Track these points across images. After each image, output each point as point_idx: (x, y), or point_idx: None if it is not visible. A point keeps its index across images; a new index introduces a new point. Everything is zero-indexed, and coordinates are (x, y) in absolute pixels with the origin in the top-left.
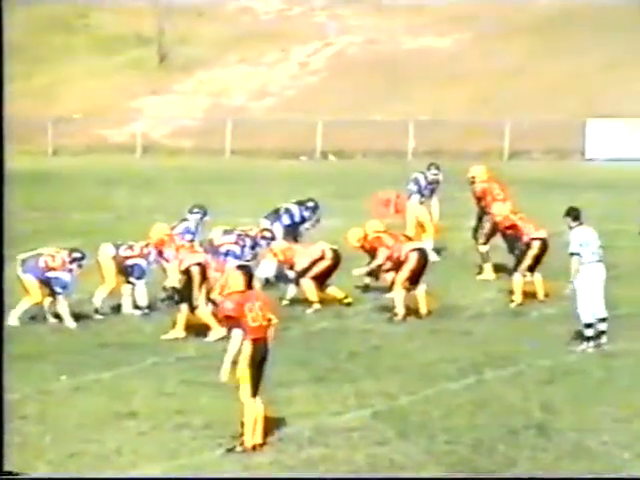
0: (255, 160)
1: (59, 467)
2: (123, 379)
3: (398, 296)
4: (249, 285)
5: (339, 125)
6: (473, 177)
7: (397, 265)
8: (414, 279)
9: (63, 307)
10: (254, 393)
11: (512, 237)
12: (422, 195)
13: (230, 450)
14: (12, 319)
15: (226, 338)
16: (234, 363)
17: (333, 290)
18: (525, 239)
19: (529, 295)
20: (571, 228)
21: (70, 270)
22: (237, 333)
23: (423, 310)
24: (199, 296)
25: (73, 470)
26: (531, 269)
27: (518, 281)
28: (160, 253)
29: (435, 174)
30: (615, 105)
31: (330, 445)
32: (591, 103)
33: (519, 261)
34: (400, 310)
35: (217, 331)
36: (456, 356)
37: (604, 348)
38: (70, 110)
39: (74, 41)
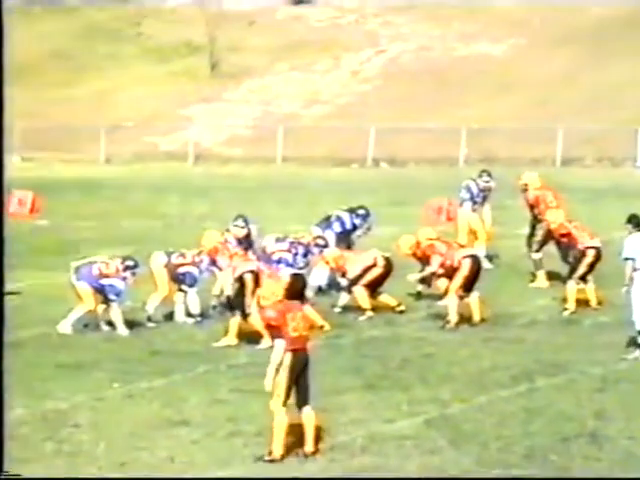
0: (307, 168)
1: (111, 475)
2: (175, 387)
3: (451, 303)
4: (302, 293)
5: (391, 132)
6: (526, 184)
7: (450, 272)
8: (467, 286)
9: (116, 315)
10: (286, 402)
11: (567, 245)
12: (474, 202)
13: (258, 459)
14: (65, 327)
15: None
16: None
17: (385, 298)
18: (580, 247)
19: (582, 303)
20: (630, 234)
21: (124, 278)
22: (280, 343)
23: (476, 317)
24: (251, 303)
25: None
26: (584, 277)
27: (572, 289)
28: (213, 261)
29: (487, 181)
30: None
31: (382, 453)
32: None
33: (573, 269)
34: (453, 318)
35: (269, 339)
36: (508, 364)
37: None
38: (122, 118)
39: (126, 49)
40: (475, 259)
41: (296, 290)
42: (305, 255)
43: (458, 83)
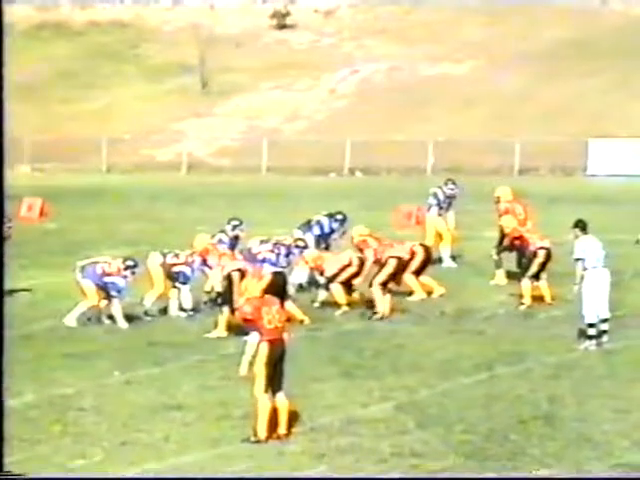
0: (289, 177)
1: (113, 454)
2: (170, 374)
3: (378, 296)
4: (283, 289)
5: (365, 145)
6: (498, 197)
7: (380, 266)
8: (387, 282)
9: (117, 309)
10: (267, 389)
11: (519, 247)
12: (440, 208)
13: (245, 440)
14: (71, 320)
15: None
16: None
17: (359, 294)
18: (532, 248)
19: (537, 299)
20: (577, 237)
21: (125, 276)
22: (254, 336)
23: (386, 312)
24: (239, 299)
25: (125, 457)
26: (537, 275)
27: (526, 286)
28: (204, 261)
29: (452, 189)
30: (614, 126)
31: (357, 434)
32: (592, 124)
33: (526, 268)
34: (381, 309)
35: (220, 332)
36: (471, 354)
37: (605, 346)
38: (121, 131)
39: (126, 69)
40: (400, 260)
41: (277, 287)
42: (287, 255)
43: (425, 100)
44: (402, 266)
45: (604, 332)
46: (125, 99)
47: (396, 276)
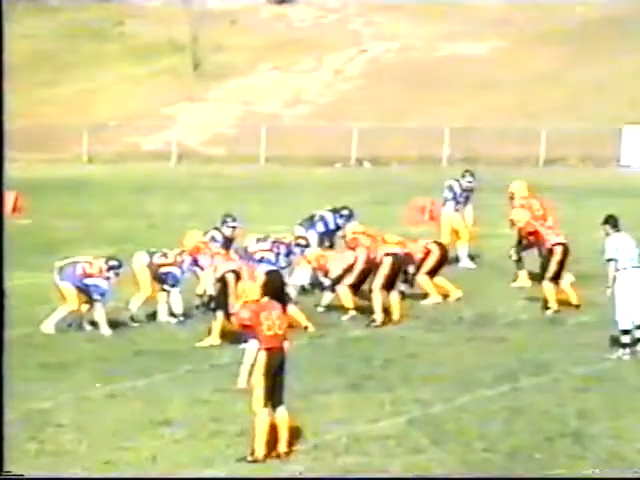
0: (289, 167)
1: (94, 474)
2: (158, 386)
3: (376, 301)
4: (282, 292)
5: (374, 132)
6: (512, 193)
7: (374, 267)
8: (389, 285)
9: (100, 315)
10: (267, 403)
11: (535, 243)
12: (457, 202)
13: (240, 460)
14: (48, 327)
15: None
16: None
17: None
18: (547, 245)
19: (563, 303)
20: (608, 235)
21: (107, 278)
22: (252, 344)
23: (396, 316)
24: (235, 303)
25: (108, 477)
26: (558, 275)
27: (549, 288)
28: (195, 261)
29: (470, 181)
30: None
31: (366, 453)
32: (627, 109)
33: (545, 268)
34: (379, 316)
35: (214, 339)
36: (491, 363)
37: None
38: (104, 118)
39: (109, 48)
40: (396, 257)
41: (273, 288)
42: (287, 255)
43: (440, 83)
44: (399, 265)
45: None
46: (108, 82)
47: (396, 277)
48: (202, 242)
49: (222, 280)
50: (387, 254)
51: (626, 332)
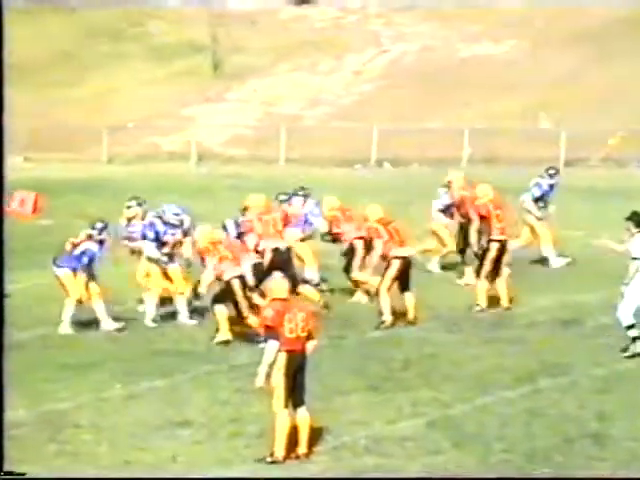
0: (309, 168)
1: (113, 475)
2: (177, 387)
3: (384, 303)
4: (288, 268)
5: (394, 133)
6: (449, 182)
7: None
8: (401, 285)
9: (100, 308)
10: (287, 404)
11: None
12: (541, 201)
13: (260, 460)
14: (65, 328)
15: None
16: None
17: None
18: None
19: (585, 305)
20: (633, 234)
21: (100, 242)
22: (273, 344)
23: (411, 315)
24: (246, 306)
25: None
26: (496, 273)
27: (481, 287)
28: (202, 260)
29: (554, 178)
30: None
31: (385, 454)
32: None
33: (480, 265)
34: (388, 317)
35: (225, 334)
36: (510, 365)
37: None
38: (123, 118)
39: (129, 49)
40: (405, 260)
41: (280, 263)
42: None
43: (461, 83)
44: (407, 267)
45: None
46: (127, 83)
47: (404, 278)
48: (211, 243)
49: (227, 285)
50: (396, 257)
51: (631, 327)
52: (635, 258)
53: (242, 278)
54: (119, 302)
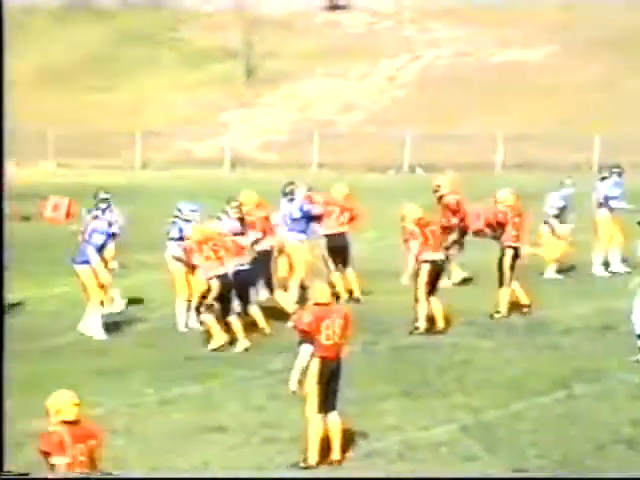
0: (342, 173)
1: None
2: (211, 393)
3: (421, 309)
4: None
5: (427, 138)
6: (438, 186)
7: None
8: (429, 291)
9: (115, 295)
10: (321, 409)
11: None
12: (610, 203)
13: (293, 466)
14: (99, 333)
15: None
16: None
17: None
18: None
19: (617, 312)
20: None
21: (109, 224)
22: (306, 348)
23: (440, 323)
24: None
25: None
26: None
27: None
28: (189, 257)
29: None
30: None
31: (419, 460)
32: None
33: (500, 275)
34: (421, 323)
35: (218, 339)
36: (544, 371)
37: None
38: (157, 124)
39: (162, 54)
40: (434, 264)
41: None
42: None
43: (493, 89)
44: (438, 271)
45: None
46: (161, 88)
47: (434, 283)
48: (197, 242)
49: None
50: (425, 261)
51: None
52: None
53: (224, 277)
54: (150, 308)
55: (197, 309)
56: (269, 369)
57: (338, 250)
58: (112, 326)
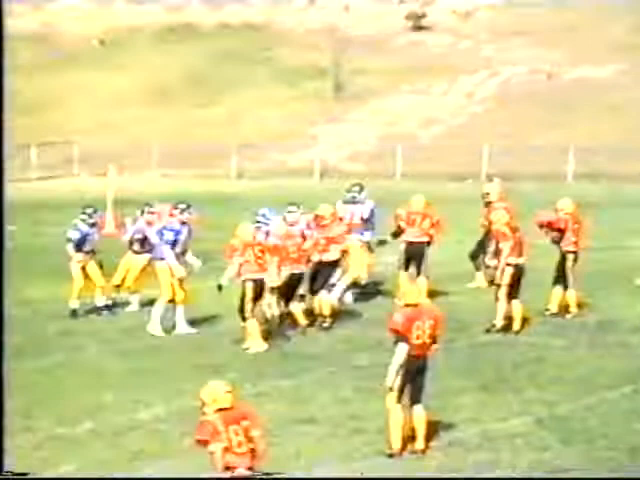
0: (423, 183)
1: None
2: (302, 387)
3: (500, 308)
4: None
5: (503, 150)
6: (487, 194)
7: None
8: (510, 292)
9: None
10: (399, 400)
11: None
12: None
13: (379, 454)
14: (157, 330)
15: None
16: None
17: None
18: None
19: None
20: None
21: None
22: (403, 347)
23: (516, 326)
24: (252, 309)
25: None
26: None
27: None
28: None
29: None
30: None
31: (495, 450)
32: None
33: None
34: (499, 322)
35: (255, 343)
36: (614, 367)
37: None
38: (252, 136)
39: (257, 72)
40: (517, 267)
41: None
42: None
43: (566, 104)
44: (519, 274)
45: None
46: (256, 103)
47: (516, 286)
48: (243, 243)
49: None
50: (508, 264)
51: None
52: None
53: (257, 282)
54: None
55: (241, 312)
56: (355, 365)
57: (414, 258)
58: (205, 325)
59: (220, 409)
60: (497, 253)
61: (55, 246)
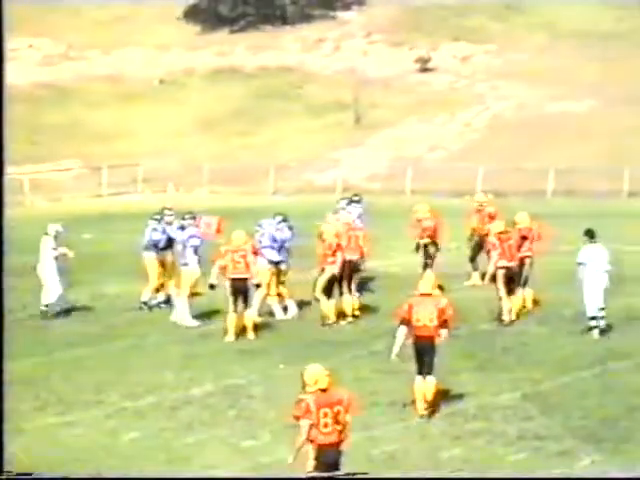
0: (430, 198)
1: (279, 436)
2: (329, 368)
3: (505, 305)
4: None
5: (495, 171)
6: (481, 203)
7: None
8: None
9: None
10: (419, 373)
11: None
12: None
13: (391, 422)
14: (190, 322)
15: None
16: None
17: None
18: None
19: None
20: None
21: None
22: (402, 329)
23: (512, 316)
24: (233, 302)
25: (290, 439)
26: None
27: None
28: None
29: None
30: None
31: (489, 419)
32: None
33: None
34: (506, 317)
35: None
36: (586, 351)
37: None
38: (287, 159)
39: (291, 106)
40: (509, 270)
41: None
42: None
43: (548, 133)
44: (512, 274)
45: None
46: (290, 132)
47: (510, 286)
48: (231, 250)
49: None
50: (501, 267)
51: (592, 318)
52: (580, 263)
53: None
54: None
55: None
56: (373, 350)
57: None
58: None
59: (320, 389)
60: (489, 259)
61: (123, 250)
